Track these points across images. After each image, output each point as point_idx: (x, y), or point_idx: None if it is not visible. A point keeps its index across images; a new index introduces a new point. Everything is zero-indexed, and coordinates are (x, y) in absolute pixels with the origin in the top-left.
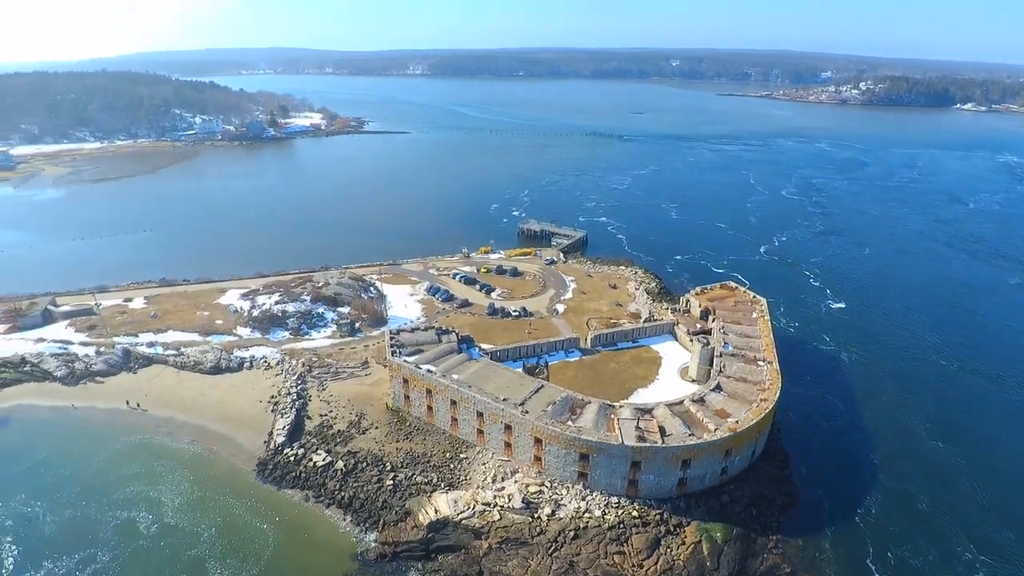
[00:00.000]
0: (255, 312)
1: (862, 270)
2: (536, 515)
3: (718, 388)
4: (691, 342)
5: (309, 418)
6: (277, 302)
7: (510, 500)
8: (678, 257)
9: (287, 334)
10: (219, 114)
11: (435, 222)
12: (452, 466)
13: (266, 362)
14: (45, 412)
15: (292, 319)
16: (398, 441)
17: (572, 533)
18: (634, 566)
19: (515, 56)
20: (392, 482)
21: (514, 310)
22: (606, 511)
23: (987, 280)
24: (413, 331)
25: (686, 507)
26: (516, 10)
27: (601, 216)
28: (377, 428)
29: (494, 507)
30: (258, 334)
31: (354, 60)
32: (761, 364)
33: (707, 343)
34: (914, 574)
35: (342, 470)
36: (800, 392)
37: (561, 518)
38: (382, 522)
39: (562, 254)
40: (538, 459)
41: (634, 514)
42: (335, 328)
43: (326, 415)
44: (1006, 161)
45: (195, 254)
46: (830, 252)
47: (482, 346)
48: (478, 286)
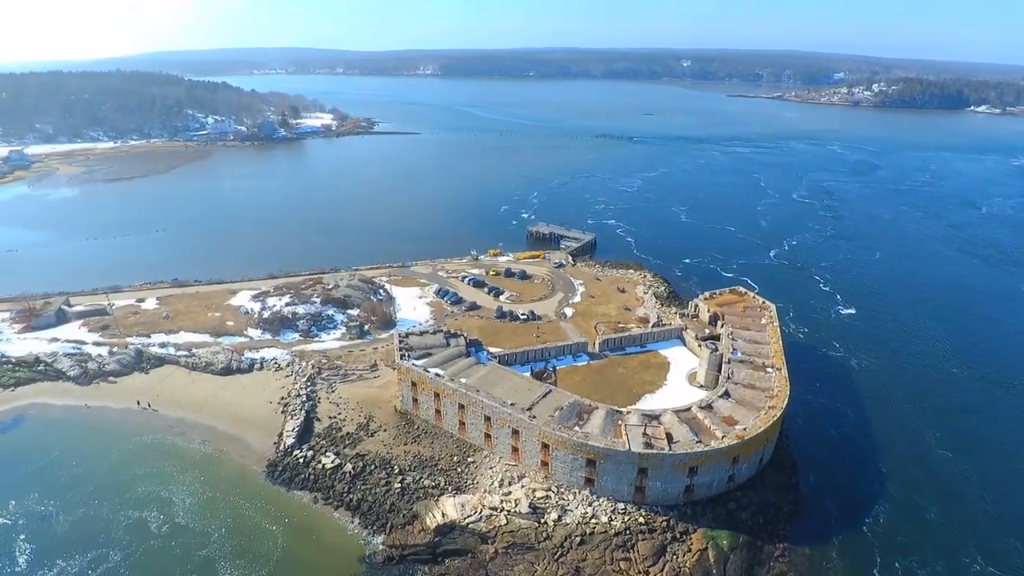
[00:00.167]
0: (266, 313)
1: (873, 275)
2: (542, 520)
3: (726, 394)
4: (700, 347)
5: (318, 420)
6: (287, 304)
7: (517, 505)
8: (687, 261)
9: (297, 336)
10: (231, 114)
11: (444, 224)
12: (459, 470)
13: (276, 364)
14: (58, 411)
15: (302, 321)
16: (406, 444)
17: (578, 539)
18: (640, 573)
19: (525, 56)
20: (400, 485)
21: (522, 313)
22: (612, 517)
23: (1000, 286)
24: (422, 334)
25: (693, 514)
26: (527, 10)
27: (610, 218)
28: (385, 431)
29: (501, 511)
30: (268, 335)
31: (365, 60)
32: (770, 371)
33: (716, 349)
34: None
35: (350, 472)
36: (809, 399)
37: (567, 523)
38: (390, 525)
39: (571, 257)
40: (545, 464)
41: (640, 520)
42: (344, 330)
43: (335, 417)
44: (1020, 165)
45: (207, 254)
46: (840, 257)
47: (490, 349)
48: (486, 289)
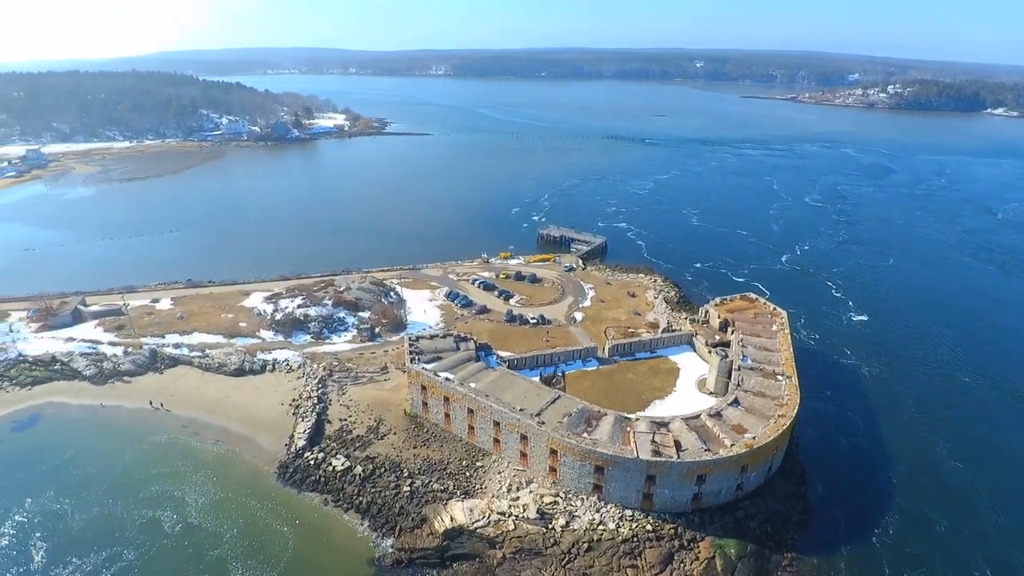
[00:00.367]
0: (278, 315)
1: (886, 281)
2: (550, 526)
3: (736, 402)
4: (709, 354)
5: (329, 422)
6: (299, 306)
7: (525, 510)
8: (698, 265)
9: (309, 338)
10: (245, 115)
11: (455, 226)
12: (468, 474)
13: (288, 365)
14: (74, 410)
15: (314, 323)
16: (415, 447)
17: (586, 545)
18: None
19: (537, 57)
20: (409, 488)
21: (532, 317)
22: (620, 524)
23: (1016, 293)
24: (432, 338)
25: (700, 522)
26: (540, 10)
27: (621, 222)
28: (395, 434)
29: (509, 517)
30: (281, 337)
31: (377, 60)
32: (780, 378)
33: (725, 356)
34: None
35: (360, 475)
36: (819, 407)
37: (575, 530)
38: (398, 528)
39: (581, 260)
40: (553, 470)
41: (648, 528)
42: (355, 332)
43: (345, 419)
44: None
45: (220, 255)
46: (853, 262)
47: (499, 353)
48: (497, 292)
